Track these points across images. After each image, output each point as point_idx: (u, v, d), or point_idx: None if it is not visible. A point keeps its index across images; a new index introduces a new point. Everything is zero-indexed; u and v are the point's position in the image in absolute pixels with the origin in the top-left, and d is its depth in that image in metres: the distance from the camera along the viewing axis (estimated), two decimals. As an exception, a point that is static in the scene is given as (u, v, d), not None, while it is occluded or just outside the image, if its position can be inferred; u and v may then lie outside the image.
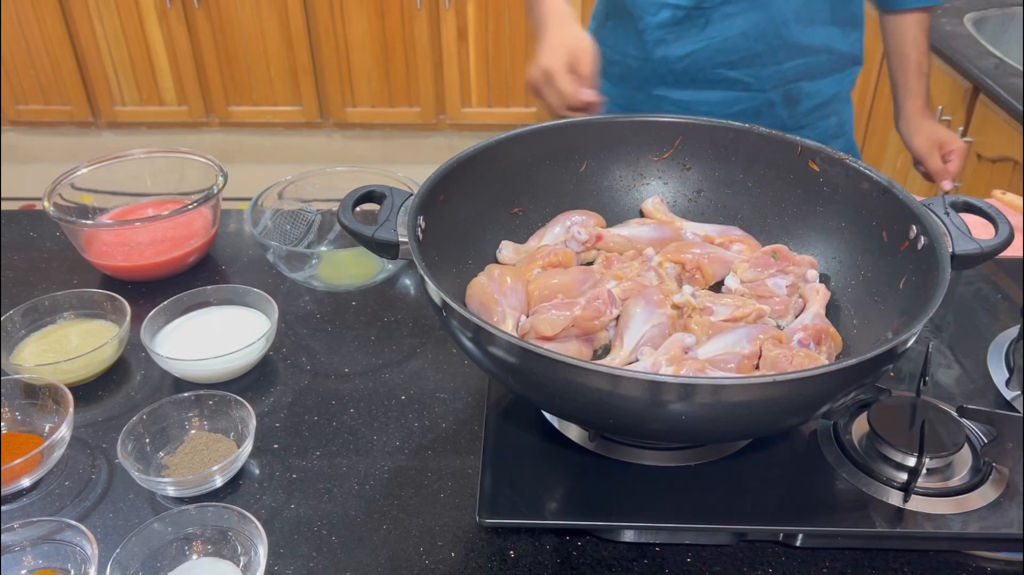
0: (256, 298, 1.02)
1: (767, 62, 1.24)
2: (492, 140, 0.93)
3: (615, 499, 0.76)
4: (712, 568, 0.74)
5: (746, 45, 1.22)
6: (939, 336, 0.99)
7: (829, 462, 0.79)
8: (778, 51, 1.23)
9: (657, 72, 1.28)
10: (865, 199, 0.88)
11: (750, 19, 1.20)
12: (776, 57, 1.23)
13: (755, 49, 1.22)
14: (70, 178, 1.16)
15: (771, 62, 1.24)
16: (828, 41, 1.25)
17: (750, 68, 1.24)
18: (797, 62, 1.25)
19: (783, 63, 1.24)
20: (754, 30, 1.21)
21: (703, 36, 1.22)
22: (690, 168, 1.01)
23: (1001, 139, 1.70)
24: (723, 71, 1.24)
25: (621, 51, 1.30)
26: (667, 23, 1.23)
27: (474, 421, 0.89)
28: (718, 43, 1.22)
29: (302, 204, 1.19)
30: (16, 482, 0.81)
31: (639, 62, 1.29)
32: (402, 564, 0.75)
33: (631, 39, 1.28)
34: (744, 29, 1.21)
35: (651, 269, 0.91)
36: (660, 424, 0.68)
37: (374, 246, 0.79)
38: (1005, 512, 0.74)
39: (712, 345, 0.82)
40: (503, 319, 0.83)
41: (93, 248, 1.11)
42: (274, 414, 0.91)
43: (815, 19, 1.22)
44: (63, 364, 0.92)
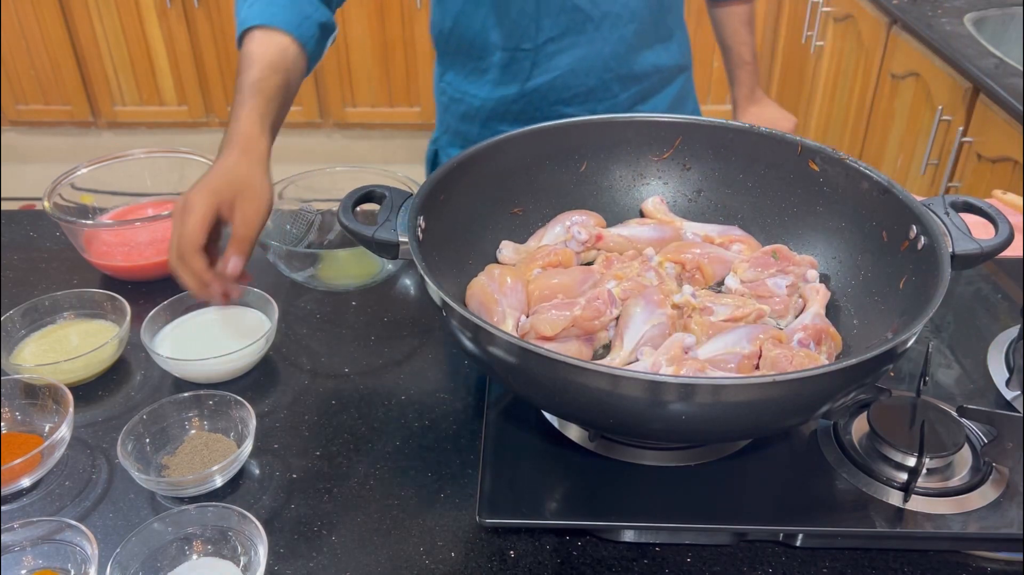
0: (256, 298, 1.02)
1: (602, 97, 1.24)
2: (492, 140, 0.93)
3: (615, 499, 0.76)
4: (712, 568, 0.74)
5: (578, 82, 1.22)
6: (939, 336, 0.99)
7: (829, 462, 0.79)
8: (611, 84, 1.23)
9: (498, 111, 1.27)
10: (865, 199, 0.88)
11: (576, 56, 1.20)
12: (611, 91, 1.24)
13: (587, 84, 1.22)
14: (70, 178, 1.16)
15: (606, 97, 1.24)
16: (655, 62, 1.26)
17: (585, 104, 1.24)
18: (631, 91, 1.26)
19: (618, 95, 1.25)
20: (582, 66, 1.20)
21: (533, 76, 1.22)
22: (690, 168, 1.01)
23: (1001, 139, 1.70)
24: (560, 108, 1.24)
25: (462, 90, 1.30)
26: (500, 64, 1.22)
27: (474, 421, 0.89)
28: (550, 81, 1.22)
29: (302, 204, 1.19)
30: (16, 482, 0.81)
31: (480, 100, 1.28)
32: (402, 564, 0.75)
33: (472, 79, 1.27)
34: (572, 67, 1.20)
35: (651, 269, 0.91)
36: (660, 424, 0.68)
37: (374, 246, 0.79)
38: (1005, 512, 0.74)
39: (712, 345, 0.82)
40: (503, 319, 0.83)
41: (93, 248, 1.11)
42: (274, 414, 0.91)
43: (641, 47, 1.22)
44: (63, 364, 0.92)
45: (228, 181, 0.83)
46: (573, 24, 1.17)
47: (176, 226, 0.81)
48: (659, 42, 1.25)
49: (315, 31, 0.99)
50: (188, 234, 0.79)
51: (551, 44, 1.18)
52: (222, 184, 0.83)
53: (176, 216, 0.83)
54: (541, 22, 1.16)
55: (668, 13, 1.25)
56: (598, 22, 1.17)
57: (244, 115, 0.89)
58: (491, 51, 1.21)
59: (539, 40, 1.18)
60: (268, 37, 0.96)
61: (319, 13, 1.01)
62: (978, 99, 1.79)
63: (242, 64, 0.94)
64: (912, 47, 2.05)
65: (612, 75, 1.22)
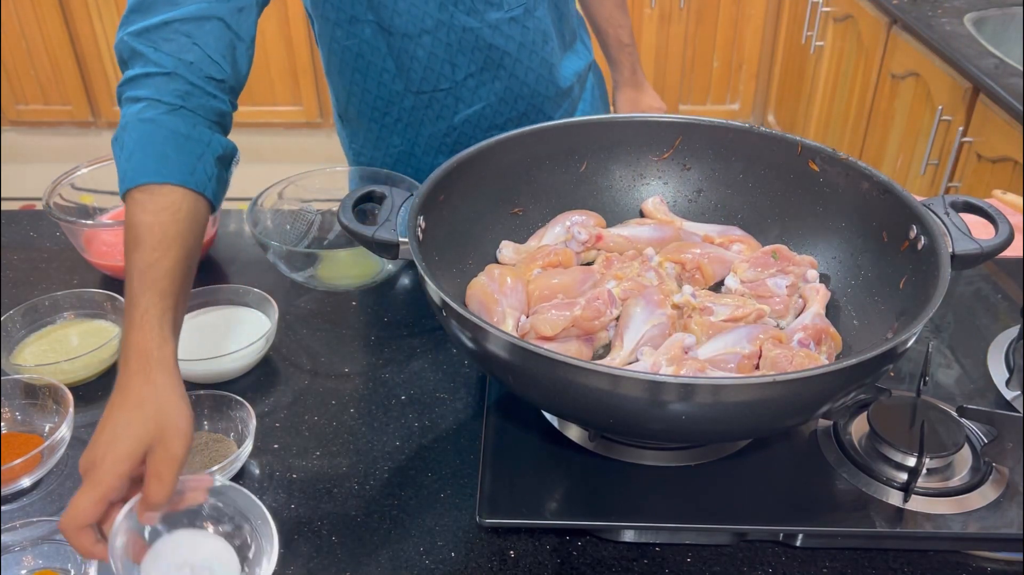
0: (256, 298, 1.02)
1: (535, 119, 1.22)
2: (492, 140, 0.93)
3: (615, 499, 0.76)
4: (712, 568, 0.74)
5: (507, 109, 1.20)
6: (939, 336, 0.99)
7: (829, 462, 0.79)
8: (543, 106, 1.22)
9: (431, 146, 1.23)
10: (865, 199, 0.88)
11: (499, 87, 1.17)
12: (543, 111, 1.22)
13: (518, 110, 1.20)
14: (70, 178, 1.16)
15: (539, 118, 1.22)
16: (574, 70, 1.25)
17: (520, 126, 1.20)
18: (563, 106, 1.25)
19: (552, 114, 1.23)
20: (509, 96, 1.18)
21: (458, 111, 1.19)
22: (690, 168, 1.01)
23: (1001, 139, 1.70)
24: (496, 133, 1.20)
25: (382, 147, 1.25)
26: (418, 107, 1.18)
27: (474, 421, 0.89)
28: (478, 112, 1.19)
29: (302, 204, 1.19)
30: (16, 482, 0.81)
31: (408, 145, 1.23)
32: (402, 564, 0.75)
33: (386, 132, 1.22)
34: (498, 97, 1.18)
35: (651, 269, 0.91)
36: (660, 424, 0.68)
37: (374, 246, 0.79)
38: (1005, 512, 0.74)
39: (712, 345, 0.82)
40: (503, 319, 0.83)
41: (93, 248, 1.11)
42: (274, 414, 0.91)
43: (559, 62, 1.21)
44: (63, 364, 0.92)
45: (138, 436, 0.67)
46: (490, 60, 1.14)
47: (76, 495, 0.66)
48: (568, 49, 1.24)
49: (212, 172, 0.79)
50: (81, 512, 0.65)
51: (471, 80, 1.15)
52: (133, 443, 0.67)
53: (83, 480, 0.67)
54: (456, 60, 1.13)
55: (568, 16, 1.23)
56: (516, 55, 1.14)
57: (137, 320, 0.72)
58: (400, 98, 1.17)
59: (457, 78, 1.14)
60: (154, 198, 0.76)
61: (215, 144, 0.80)
62: (978, 99, 1.79)
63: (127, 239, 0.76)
64: (912, 47, 2.05)
65: (541, 98, 1.21)
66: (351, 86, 1.18)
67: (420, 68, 1.13)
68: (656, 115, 1.00)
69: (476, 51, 1.12)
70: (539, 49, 1.16)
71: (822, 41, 2.67)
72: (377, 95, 1.17)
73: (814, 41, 2.69)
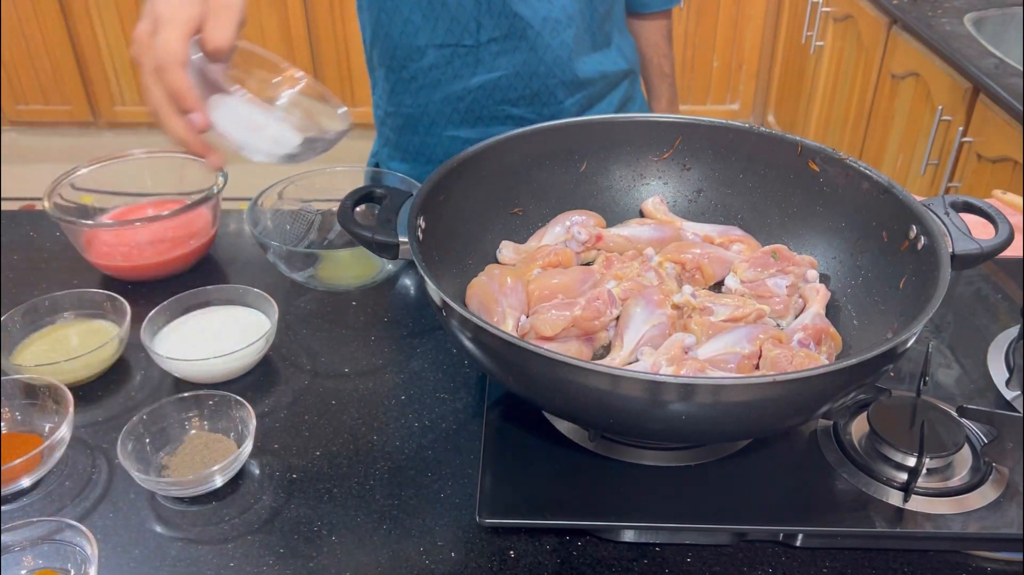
0: (256, 298, 1.02)
1: (547, 101, 1.23)
2: (492, 140, 0.93)
3: (615, 499, 0.76)
4: (712, 568, 0.74)
5: (521, 84, 1.21)
6: (939, 336, 0.99)
7: (829, 462, 0.79)
8: (556, 90, 1.23)
9: (443, 113, 1.26)
10: (865, 199, 0.88)
11: (518, 59, 1.19)
12: (555, 96, 1.23)
13: (532, 88, 1.22)
14: (70, 178, 1.16)
15: (551, 101, 1.24)
16: (599, 68, 1.26)
17: (531, 106, 1.24)
18: (577, 97, 1.25)
19: (563, 101, 1.24)
20: (525, 71, 1.20)
21: (477, 73, 1.21)
22: (690, 168, 1.01)
23: (1001, 139, 1.70)
24: (507, 108, 1.24)
25: (395, 102, 1.28)
26: (437, 64, 1.20)
27: (474, 421, 0.89)
28: (494, 81, 1.21)
29: (302, 204, 1.19)
30: (16, 482, 0.81)
31: (419, 109, 1.26)
32: (402, 564, 0.75)
33: (402, 87, 1.26)
34: (516, 69, 1.20)
35: (651, 269, 0.91)
36: (660, 424, 0.68)
37: (374, 246, 0.79)
38: (1005, 512, 0.74)
39: (712, 345, 0.82)
40: (503, 319, 0.83)
41: (93, 248, 1.11)
42: (274, 414, 0.91)
43: (582, 52, 1.22)
44: (63, 364, 0.92)
45: None
46: (514, 29, 1.16)
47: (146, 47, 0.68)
48: (598, 49, 1.25)
49: None
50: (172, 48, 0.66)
51: (494, 44, 1.18)
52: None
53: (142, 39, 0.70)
54: (482, 21, 1.15)
55: (606, 20, 1.24)
56: (539, 28, 1.16)
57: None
58: (420, 53, 1.20)
59: (481, 38, 1.17)
60: None
61: None
62: (978, 99, 1.79)
63: None
64: (912, 47, 2.05)
65: (556, 81, 1.22)
66: (376, 28, 1.20)
67: (447, 18, 1.15)
68: (656, 115, 1.01)
69: (502, 17, 1.15)
70: (561, 30, 1.17)
71: (822, 41, 2.67)
72: (398, 44, 1.19)
73: (814, 41, 2.69)
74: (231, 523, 0.79)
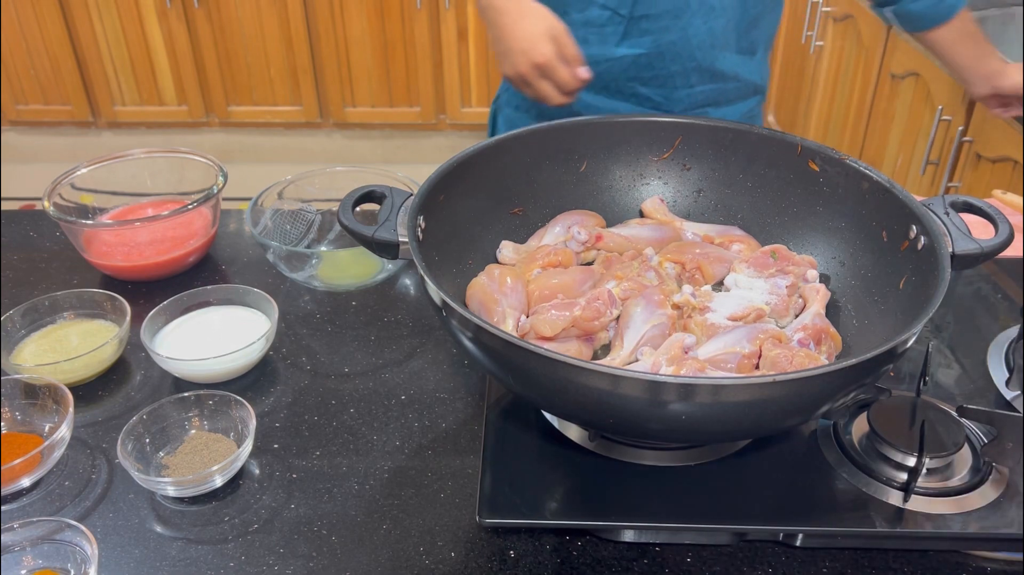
0: (256, 298, 1.02)
1: (679, 84, 1.24)
2: (492, 140, 0.93)
3: (615, 499, 0.76)
4: (712, 568, 0.74)
5: (661, 64, 1.22)
6: (939, 336, 0.99)
7: (829, 462, 0.79)
8: (691, 74, 1.23)
9: None
10: (865, 199, 0.88)
11: (665, 39, 1.20)
12: (688, 80, 1.24)
13: (669, 70, 1.22)
14: (70, 178, 1.16)
15: (683, 85, 1.24)
16: (736, 69, 1.26)
17: (662, 88, 1.24)
18: (708, 87, 1.26)
19: (695, 87, 1.25)
20: (669, 51, 1.21)
21: (620, 46, 1.22)
22: (690, 168, 1.01)
23: (1001, 139, 1.70)
24: (636, 86, 1.24)
25: None
26: (593, 22, 1.22)
27: (474, 421, 0.89)
28: (632, 57, 1.22)
29: (302, 204, 1.19)
30: (16, 482, 0.81)
31: None
32: (402, 564, 0.75)
33: None
34: (660, 48, 1.20)
35: (651, 269, 0.91)
36: (660, 424, 0.68)
37: (374, 246, 0.79)
38: (1005, 512, 0.74)
39: (712, 345, 0.82)
40: (503, 319, 0.83)
41: (93, 248, 1.11)
42: (274, 414, 0.91)
43: (726, 46, 1.23)
44: (63, 364, 0.92)
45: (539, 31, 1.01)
46: (671, 8, 1.18)
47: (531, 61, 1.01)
48: (742, 52, 1.26)
49: None
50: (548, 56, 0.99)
51: (645, 21, 1.19)
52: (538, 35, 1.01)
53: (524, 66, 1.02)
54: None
55: (753, 27, 1.24)
56: (695, 9, 1.18)
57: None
58: (586, 5, 1.21)
59: (636, 12, 1.18)
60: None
61: None
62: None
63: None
64: (912, 47, 2.05)
65: (695, 64, 1.22)
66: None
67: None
68: (656, 115, 1.01)
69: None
70: (714, 17, 1.19)
71: (822, 41, 2.67)
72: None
73: (814, 41, 2.69)
74: (231, 523, 0.79)
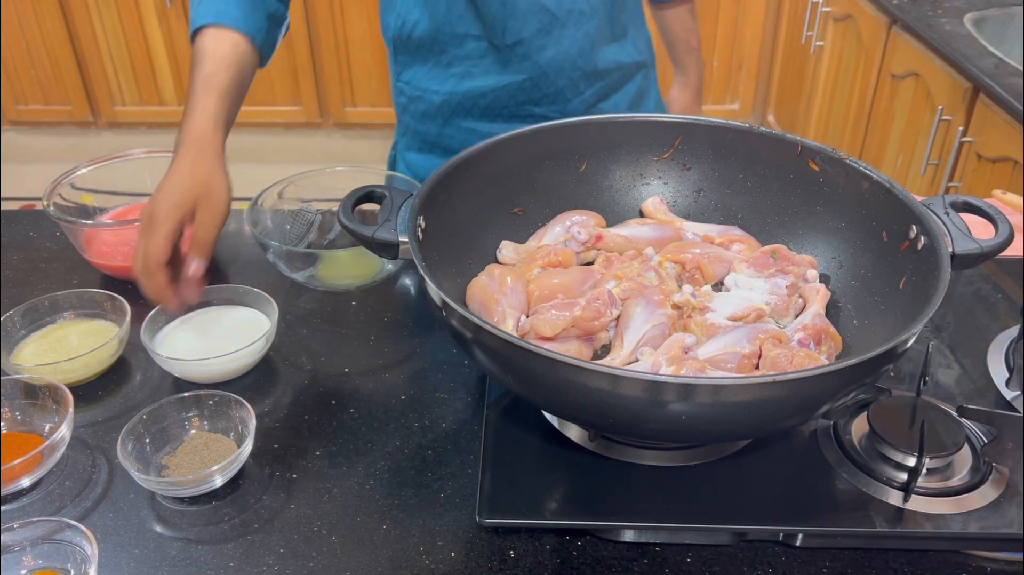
0: (256, 298, 1.02)
1: (570, 96, 1.25)
2: (492, 140, 0.93)
3: (615, 499, 0.76)
4: (712, 568, 0.74)
5: (547, 84, 1.22)
6: (939, 336, 0.99)
7: (829, 462, 0.79)
8: (578, 83, 1.24)
9: (464, 106, 1.26)
10: (865, 199, 0.88)
11: (544, 57, 1.20)
12: (577, 89, 1.25)
13: (557, 86, 1.23)
14: (70, 178, 1.16)
15: (574, 95, 1.25)
16: (615, 59, 1.27)
17: (555, 104, 1.25)
18: (595, 87, 1.26)
19: (584, 92, 1.26)
20: (552, 67, 1.21)
21: (505, 73, 1.22)
22: (690, 168, 1.01)
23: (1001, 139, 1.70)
24: (529, 108, 1.24)
25: (422, 87, 1.28)
26: (471, 55, 1.21)
27: (474, 421, 0.89)
28: (519, 83, 1.22)
29: (302, 204, 1.19)
30: (16, 482, 0.81)
31: (442, 97, 1.26)
32: (402, 564, 0.75)
33: (434, 74, 1.26)
34: (542, 68, 1.20)
35: (651, 269, 0.91)
36: (660, 424, 0.68)
37: (374, 246, 0.79)
38: (1005, 512, 0.74)
39: (712, 345, 0.82)
40: (503, 319, 0.83)
41: (93, 248, 1.11)
42: (274, 414, 0.91)
43: (601, 43, 1.24)
44: (63, 364, 0.92)
45: (188, 190, 0.87)
46: (541, 26, 1.17)
47: (142, 240, 0.85)
48: (615, 39, 1.27)
49: (263, 24, 1.04)
50: (154, 252, 0.83)
51: (520, 46, 1.18)
52: (183, 195, 0.86)
53: (142, 229, 0.86)
54: (507, 24, 1.16)
55: (622, 11, 1.26)
56: (564, 21, 1.17)
57: (197, 113, 0.93)
58: (461, 41, 1.20)
59: (508, 41, 1.18)
60: (218, 34, 1.00)
61: (267, 5, 1.04)
62: (978, 99, 1.79)
63: (193, 61, 0.98)
64: (912, 47, 2.05)
65: (580, 73, 1.23)
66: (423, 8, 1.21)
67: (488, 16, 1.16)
68: (656, 115, 1.00)
69: (529, 16, 1.16)
70: (585, 21, 1.19)
71: (822, 41, 2.67)
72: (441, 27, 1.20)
73: (814, 41, 2.69)
74: (231, 523, 0.79)
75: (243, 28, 1.01)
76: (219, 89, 0.96)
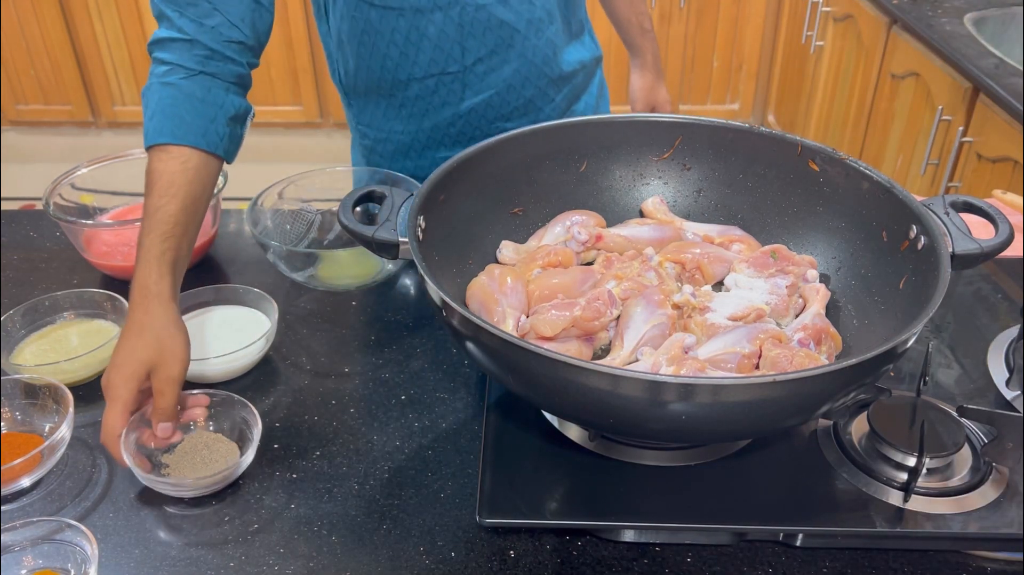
0: (256, 298, 1.02)
1: (541, 104, 1.23)
2: (492, 140, 0.93)
3: (615, 499, 0.76)
4: (712, 568, 0.74)
5: (514, 96, 1.20)
6: (939, 336, 0.99)
7: (829, 462, 0.79)
8: (547, 90, 1.22)
9: (434, 138, 1.23)
10: (865, 199, 0.88)
11: (510, 71, 1.17)
12: (547, 95, 1.23)
13: (525, 96, 1.20)
14: (70, 178, 1.16)
15: (545, 102, 1.23)
16: (577, 58, 1.26)
17: (527, 115, 1.22)
18: (564, 91, 1.25)
19: (555, 98, 1.24)
20: (518, 80, 1.18)
21: (465, 98, 1.18)
22: (690, 168, 1.01)
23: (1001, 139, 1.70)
24: (501, 124, 1.22)
25: (385, 128, 1.24)
26: (422, 95, 1.18)
27: (474, 421, 0.89)
28: (486, 100, 1.19)
29: (302, 204, 1.19)
30: (16, 482, 0.81)
31: (409, 135, 1.23)
32: (402, 564, 0.75)
33: (392, 114, 1.22)
34: (508, 83, 1.18)
35: (651, 269, 0.91)
36: (660, 424, 0.68)
37: (374, 246, 0.79)
38: (1005, 512, 0.74)
39: (712, 345, 0.82)
40: (503, 319, 0.83)
41: (93, 248, 1.11)
42: (274, 414, 0.91)
43: (563, 45, 1.22)
44: (63, 364, 0.92)
45: (139, 359, 0.81)
46: (501, 40, 1.14)
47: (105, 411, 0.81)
48: (575, 38, 1.25)
49: (224, 132, 0.92)
50: (111, 425, 0.80)
51: (480, 65, 1.15)
52: (136, 366, 0.81)
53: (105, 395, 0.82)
54: (466, 43, 1.12)
55: (578, 8, 1.25)
56: (525, 32, 1.15)
57: (142, 258, 0.86)
58: (402, 85, 1.17)
59: (467, 62, 1.14)
60: (168, 154, 0.89)
61: (228, 106, 0.93)
62: (978, 99, 1.79)
63: (145, 185, 0.90)
64: (912, 47, 2.05)
65: (546, 81, 1.21)
66: (358, 60, 1.17)
67: (429, 48, 1.12)
68: (656, 115, 1.00)
69: (488, 31, 1.13)
70: (545, 28, 1.17)
71: (822, 41, 2.67)
72: (381, 77, 1.17)
73: (814, 41, 2.69)
74: (231, 523, 0.79)
75: (200, 144, 0.90)
76: (162, 225, 0.86)
